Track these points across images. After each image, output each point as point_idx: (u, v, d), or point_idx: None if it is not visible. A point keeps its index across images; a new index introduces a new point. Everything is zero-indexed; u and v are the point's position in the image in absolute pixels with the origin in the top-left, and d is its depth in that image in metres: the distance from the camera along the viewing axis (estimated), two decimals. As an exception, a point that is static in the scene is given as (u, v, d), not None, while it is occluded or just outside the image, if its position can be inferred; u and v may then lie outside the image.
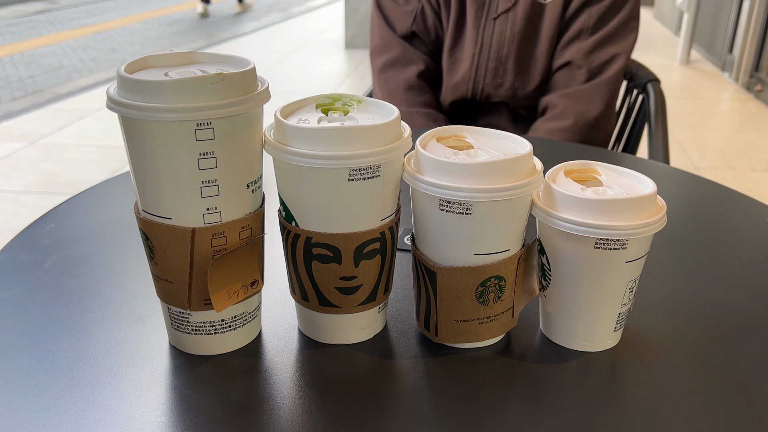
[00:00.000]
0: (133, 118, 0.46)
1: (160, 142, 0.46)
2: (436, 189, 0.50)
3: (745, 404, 0.50)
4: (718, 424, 0.48)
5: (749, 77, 4.35)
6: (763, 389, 0.52)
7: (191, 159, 0.47)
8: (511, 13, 1.23)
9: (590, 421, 0.48)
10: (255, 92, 0.48)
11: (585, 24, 1.22)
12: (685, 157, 3.12)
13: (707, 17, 5.17)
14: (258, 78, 0.50)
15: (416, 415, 0.49)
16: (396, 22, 1.33)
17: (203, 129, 0.46)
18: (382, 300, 0.56)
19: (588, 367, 0.54)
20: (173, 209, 0.49)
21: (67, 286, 0.64)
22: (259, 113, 0.50)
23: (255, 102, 0.48)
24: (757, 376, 0.53)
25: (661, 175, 0.95)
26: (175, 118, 0.45)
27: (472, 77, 1.28)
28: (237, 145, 0.48)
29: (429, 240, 0.53)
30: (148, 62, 0.51)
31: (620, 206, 0.50)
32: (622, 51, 1.23)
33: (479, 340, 0.55)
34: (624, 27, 1.23)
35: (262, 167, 0.53)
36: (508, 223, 0.51)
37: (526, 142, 0.53)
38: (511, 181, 0.50)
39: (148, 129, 0.46)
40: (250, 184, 0.51)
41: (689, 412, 0.49)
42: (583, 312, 0.54)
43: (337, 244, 0.51)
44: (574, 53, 1.23)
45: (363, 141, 0.49)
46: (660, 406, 0.50)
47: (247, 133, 0.49)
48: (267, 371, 0.53)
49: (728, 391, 0.52)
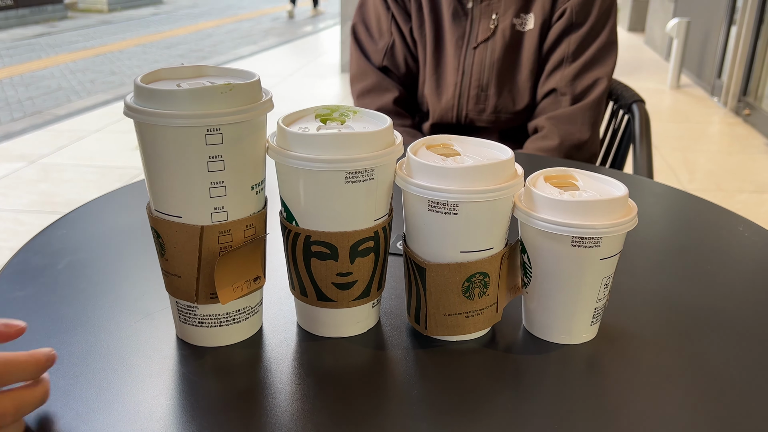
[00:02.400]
0: (148, 123, 0.51)
1: (173, 146, 0.51)
2: (425, 191, 0.54)
3: (716, 392, 0.54)
4: (689, 410, 0.52)
5: (737, 101, 4.44)
6: (732, 379, 0.56)
7: (201, 162, 0.51)
8: (490, 42, 1.28)
9: (568, 408, 0.52)
10: (260, 101, 0.53)
11: (565, 53, 1.27)
12: (674, 178, 3.18)
13: (696, 43, 5.28)
14: (262, 89, 0.55)
15: (407, 400, 0.53)
16: (371, 55, 1.39)
17: (213, 134, 0.51)
18: (376, 296, 0.61)
19: (567, 359, 0.58)
20: (183, 208, 0.53)
21: (80, 286, 0.68)
22: (264, 121, 0.55)
23: (260, 110, 0.53)
24: (726, 367, 0.57)
25: (642, 187, 1.00)
26: (187, 123, 0.50)
27: (456, 104, 1.33)
28: (243, 149, 0.53)
29: (419, 239, 0.57)
30: (161, 75, 0.56)
31: (594, 207, 0.54)
32: (603, 75, 1.28)
33: (466, 333, 0.59)
34: (603, 51, 1.28)
35: (266, 172, 0.57)
36: (492, 223, 0.56)
37: (508, 150, 0.57)
38: (495, 183, 0.54)
39: (161, 134, 0.51)
40: (255, 186, 0.55)
41: (662, 399, 0.53)
42: (561, 307, 0.58)
43: (334, 242, 0.56)
44: (558, 81, 1.28)
45: (358, 146, 0.54)
46: (634, 394, 0.54)
47: (252, 138, 0.54)
48: (268, 361, 0.57)
49: (700, 381, 0.56)
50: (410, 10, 1.34)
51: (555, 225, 0.54)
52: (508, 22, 1.27)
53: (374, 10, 1.38)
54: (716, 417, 0.51)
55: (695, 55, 5.34)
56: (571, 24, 1.26)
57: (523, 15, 1.27)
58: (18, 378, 0.47)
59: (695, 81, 5.35)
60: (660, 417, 0.51)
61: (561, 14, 1.26)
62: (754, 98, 4.28)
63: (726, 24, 4.73)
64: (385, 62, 1.37)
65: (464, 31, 1.29)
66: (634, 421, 0.51)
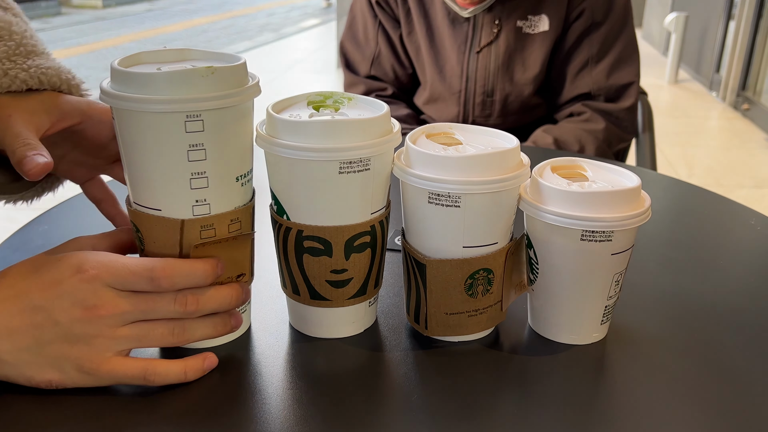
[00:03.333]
0: (124, 109, 0.47)
1: (150, 133, 0.47)
2: (426, 182, 0.51)
3: (733, 394, 0.51)
4: (703, 414, 0.49)
5: (736, 96, 4.41)
6: (746, 380, 0.53)
7: (180, 150, 0.48)
8: (494, 46, 1.24)
9: (577, 413, 0.49)
10: (245, 86, 0.49)
11: (589, 54, 1.22)
12: (674, 173, 3.16)
13: (694, 38, 5.25)
14: (249, 74, 0.51)
15: (406, 406, 0.49)
16: (357, 66, 1.36)
17: (193, 121, 0.47)
18: (373, 294, 0.57)
19: (575, 360, 0.55)
20: (163, 201, 0.50)
21: (59, 284, 0.64)
22: (250, 107, 0.51)
23: (244, 96, 0.49)
24: (741, 367, 0.54)
25: (648, 180, 0.96)
26: (165, 109, 0.46)
27: (461, 111, 1.29)
28: (227, 138, 0.49)
29: (419, 233, 0.54)
30: (142, 58, 0.52)
31: (605, 199, 0.51)
32: (634, 76, 1.24)
33: (468, 333, 0.56)
34: (629, 50, 1.24)
35: (253, 162, 0.54)
36: (496, 216, 0.52)
37: (513, 138, 0.54)
38: (499, 174, 0.51)
39: (137, 120, 0.47)
40: (240, 177, 0.51)
41: (675, 402, 0.50)
42: (569, 304, 0.55)
43: (327, 236, 0.52)
44: (589, 84, 1.23)
45: (353, 134, 0.50)
46: (646, 396, 0.51)
47: (237, 126, 0.50)
48: (258, 364, 0.54)
49: (713, 383, 0.52)
50: (399, 17, 1.30)
51: (564, 218, 0.51)
52: (513, 24, 1.22)
53: (362, 19, 1.34)
54: (733, 420, 0.48)
55: (693, 50, 5.30)
56: (591, 24, 1.21)
57: (532, 17, 1.22)
58: (187, 282, 0.49)
59: (693, 76, 5.32)
60: (674, 421, 0.48)
61: (579, 14, 1.21)
62: (753, 93, 4.25)
63: (724, 18, 4.70)
64: (372, 71, 1.34)
65: (466, 35, 1.25)
66: (647, 426, 0.47)
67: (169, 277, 0.49)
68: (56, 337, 0.47)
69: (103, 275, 0.48)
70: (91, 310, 0.47)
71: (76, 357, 0.48)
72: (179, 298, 0.49)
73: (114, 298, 0.48)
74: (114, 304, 0.48)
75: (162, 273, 0.48)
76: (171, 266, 0.49)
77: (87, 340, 0.48)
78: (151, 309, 0.49)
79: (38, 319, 0.47)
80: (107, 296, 0.48)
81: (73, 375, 0.48)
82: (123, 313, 0.48)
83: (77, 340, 0.47)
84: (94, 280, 0.47)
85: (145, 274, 0.48)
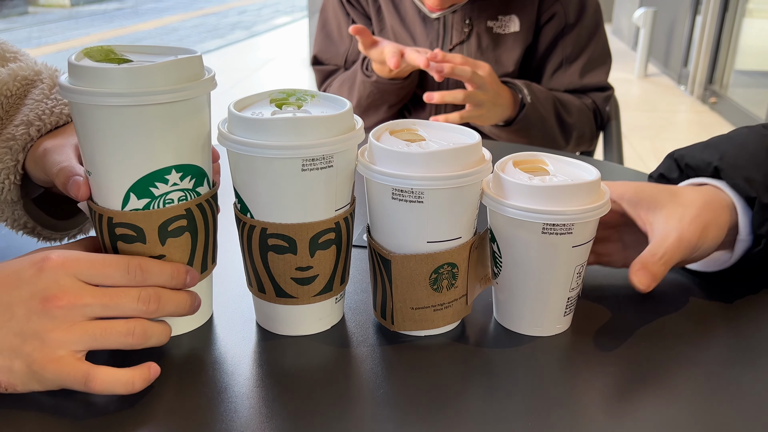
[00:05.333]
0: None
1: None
2: (389, 178, 0.51)
3: (693, 381, 0.52)
4: (666, 402, 0.50)
5: (704, 90, 4.48)
6: (714, 370, 0.54)
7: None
8: (465, 45, 1.23)
9: (542, 403, 0.49)
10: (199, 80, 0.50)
11: (563, 54, 1.24)
12: (643, 166, 3.20)
13: (663, 32, 5.32)
14: (205, 67, 0.51)
15: (373, 401, 0.50)
16: (332, 59, 1.34)
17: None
18: (339, 290, 0.57)
19: (540, 351, 0.55)
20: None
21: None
22: (204, 101, 0.52)
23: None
24: (704, 354, 0.55)
25: (615, 173, 0.98)
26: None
27: (434, 108, 1.28)
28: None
29: (383, 229, 0.54)
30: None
31: (565, 192, 0.52)
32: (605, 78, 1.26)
33: (434, 327, 0.56)
34: (603, 52, 1.26)
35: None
36: (459, 211, 0.53)
37: (475, 134, 0.54)
38: (461, 169, 0.51)
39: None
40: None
41: (638, 393, 0.51)
42: (533, 297, 0.55)
43: (292, 234, 0.52)
44: (563, 82, 1.25)
45: (316, 131, 0.50)
46: (610, 387, 0.51)
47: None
48: (224, 362, 0.54)
49: (679, 373, 0.53)
50: (370, 14, 1.30)
51: (525, 212, 0.52)
52: (483, 25, 1.22)
53: (335, 17, 1.33)
54: (698, 407, 0.49)
55: (662, 45, 5.38)
56: (564, 26, 1.22)
57: (502, 17, 1.22)
58: (156, 280, 0.50)
59: (662, 70, 5.39)
60: (638, 409, 0.49)
61: (551, 16, 1.22)
62: (720, 86, 4.32)
63: (691, 13, 4.77)
64: (346, 67, 1.33)
65: (437, 33, 1.25)
66: (610, 416, 0.48)
67: (144, 270, 0.49)
68: (9, 331, 0.45)
69: (70, 264, 0.47)
70: (50, 300, 0.46)
71: (27, 353, 0.45)
72: (143, 296, 0.48)
73: (76, 289, 0.46)
74: (76, 294, 0.46)
75: (137, 264, 0.49)
76: (145, 261, 0.49)
77: (41, 335, 0.46)
78: (115, 304, 0.48)
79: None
80: (69, 286, 0.46)
81: (22, 376, 0.46)
82: (84, 305, 0.46)
83: (31, 335, 0.46)
84: (58, 269, 0.46)
85: (121, 263, 0.48)
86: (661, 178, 0.69)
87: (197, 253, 0.54)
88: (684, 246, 0.58)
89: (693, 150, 0.67)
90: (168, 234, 0.52)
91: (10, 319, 0.46)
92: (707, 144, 0.66)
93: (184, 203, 0.52)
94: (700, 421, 0.48)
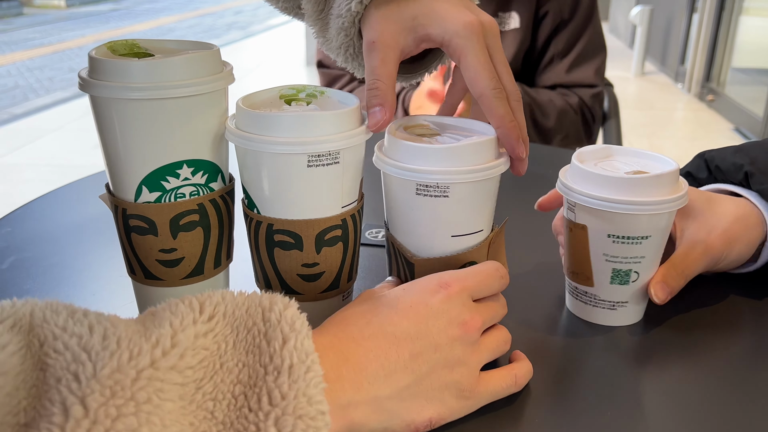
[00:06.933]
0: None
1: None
2: (413, 174, 0.50)
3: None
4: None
5: (701, 87, 4.49)
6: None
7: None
8: None
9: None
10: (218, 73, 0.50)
11: (555, 50, 1.25)
12: (642, 164, 3.20)
13: (660, 30, 5.33)
14: (223, 62, 0.52)
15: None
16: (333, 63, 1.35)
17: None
18: (346, 288, 0.57)
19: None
20: None
21: (24, 286, 0.63)
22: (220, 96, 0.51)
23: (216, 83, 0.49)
24: (684, 351, 0.55)
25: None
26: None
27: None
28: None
29: (406, 226, 0.53)
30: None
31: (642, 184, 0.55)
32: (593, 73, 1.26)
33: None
34: (591, 47, 1.26)
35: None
36: (482, 204, 0.52)
37: (488, 127, 0.54)
38: (483, 162, 0.51)
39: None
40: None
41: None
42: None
43: (298, 230, 0.52)
44: (551, 77, 1.25)
45: (322, 127, 0.50)
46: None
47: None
48: (231, 361, 0.53)
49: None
50: None
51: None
52: None
53: None
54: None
55: (659, 43, 5.39)
56: (559, 21, 1.23)
57: (502, 14, 1.22)
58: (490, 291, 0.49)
59: (659, 68, 5.40)
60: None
61: (547, 12, 1.22)
62: (717, 84, 4.33)
63: (688, 11, 4.78)
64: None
65: None
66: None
67: (504, 276, 0.50)
68: (436, 364, 0.44)
69: (469, 286, 0.47)
70: (465, 325, 0.45)
71: (456, 381, 0.44)
72: (502, 302, 0.50)
73: (475, 310, 0.47)
74: (477, 316, 0.46)
75: (499, 269, 0.50)
76: (497, 265, 0.50)
77: (465, 360, 0.45)
78: (495, 314, 0.49)
79: (416, 348, 0.43)
80: (472, 309, 0.46)
81: (452, 404, 0.44)
82: (482, 325, 0.47)
83: (456, 363, 0.44)
84: (462, 292, 0.46)
85: (496, 273, 0.49)
86: (687, 176, 0.69)
87: (210, 248, 0.54)
88: (708, 259, 0.58)
89: (724, 152, 0.66)
90: (180, 228, 0.51)
91: (435, 351, 0.44)
92: (739, 148, 0.65)
93: (197, 198, 0.52)
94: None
